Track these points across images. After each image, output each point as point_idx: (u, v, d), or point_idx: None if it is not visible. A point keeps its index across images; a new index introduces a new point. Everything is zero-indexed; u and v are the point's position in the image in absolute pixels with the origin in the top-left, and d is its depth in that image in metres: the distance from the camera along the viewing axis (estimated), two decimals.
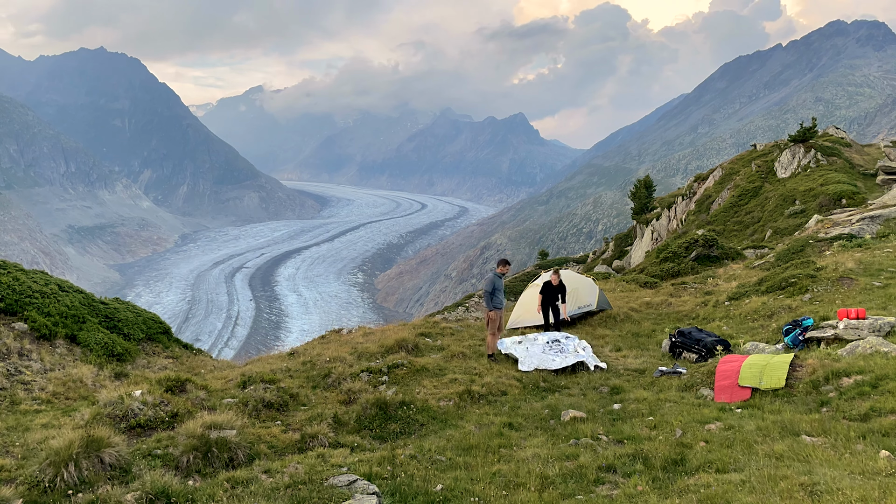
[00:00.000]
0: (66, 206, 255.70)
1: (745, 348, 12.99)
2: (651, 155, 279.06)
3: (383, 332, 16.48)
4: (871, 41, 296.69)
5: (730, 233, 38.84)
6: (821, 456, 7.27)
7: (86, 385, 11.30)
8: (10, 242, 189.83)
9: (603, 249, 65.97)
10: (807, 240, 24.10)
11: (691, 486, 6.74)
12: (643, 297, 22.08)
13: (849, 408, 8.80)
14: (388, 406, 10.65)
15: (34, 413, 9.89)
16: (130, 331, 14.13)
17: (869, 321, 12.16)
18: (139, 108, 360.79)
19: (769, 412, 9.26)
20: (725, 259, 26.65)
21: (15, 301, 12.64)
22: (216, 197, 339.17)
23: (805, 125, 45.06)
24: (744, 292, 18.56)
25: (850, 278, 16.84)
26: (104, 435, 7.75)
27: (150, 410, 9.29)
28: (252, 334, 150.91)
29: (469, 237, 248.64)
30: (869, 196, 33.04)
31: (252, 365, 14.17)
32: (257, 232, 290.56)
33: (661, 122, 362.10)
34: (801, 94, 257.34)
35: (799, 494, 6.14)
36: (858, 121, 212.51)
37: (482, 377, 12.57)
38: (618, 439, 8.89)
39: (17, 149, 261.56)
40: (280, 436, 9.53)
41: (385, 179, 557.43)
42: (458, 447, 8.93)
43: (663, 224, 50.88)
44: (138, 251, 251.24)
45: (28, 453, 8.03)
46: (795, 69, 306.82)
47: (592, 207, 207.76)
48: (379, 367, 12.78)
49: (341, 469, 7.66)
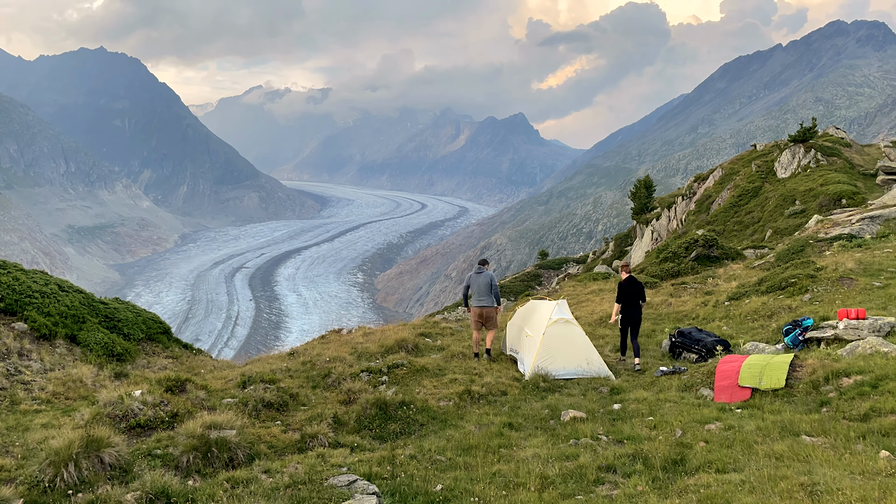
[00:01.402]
0: (66, 206, 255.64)
1: (745, 348, 12.99)
2: (651, 155, 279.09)
3: (383, 333, 16.49)
4: (871, 41, 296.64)
5: (730, 233, 38.85)
6: (821, 456, 7.27)
7: (86, 385, 11.29)
8: (10, 242, 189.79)
9: (603, 249, 65.97)
10: (807, 240, 24.09)
11: (691, 487, 6.74)
12: None
13: (849, 408, 8.80)
14: (388, 406, 10.65)
15: (34, 413, 9.88)
16: (130, 331, 14.13)
17: (869, 321, 12.16)
18: (139, 108, 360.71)
19: (769, 412, 9.26)
20: (725, 259, 26.66)
21: (15, 301, 12.64)
22: (216, 197, 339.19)
23: (805, 125, 45.06)
24: (744, 292, 18.56)
25: (850, 278, 16.84)
26: (104, 435, 7.75)
27: (149, 410, 9.29)
28: (252, 334, 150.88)
29: (469, 237, 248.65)
30: (869, 196, 33.03)
31: (252, 365, 14.17)
32: (257, 232, 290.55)
33: (661, 122, 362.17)
34: (801, 94, 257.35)
35: (799, 494, 6.14)
36: (858, 121, 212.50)
37: (482, 377, 12.57)
38: (618, 439, 8.89)
39: (17, 149, 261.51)
40: (280, 436, 9.53)
41: (385, 179, 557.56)
42: (457, 447, 8.93)
43: (663, 224, 50.87)
44: (138, 251, 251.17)
45: (28, 453, 8.02)
46: (795, 69, 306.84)
47: (592, 207, 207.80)
48: (379, 367, 12.78)
49: (341, 469, 7.66)
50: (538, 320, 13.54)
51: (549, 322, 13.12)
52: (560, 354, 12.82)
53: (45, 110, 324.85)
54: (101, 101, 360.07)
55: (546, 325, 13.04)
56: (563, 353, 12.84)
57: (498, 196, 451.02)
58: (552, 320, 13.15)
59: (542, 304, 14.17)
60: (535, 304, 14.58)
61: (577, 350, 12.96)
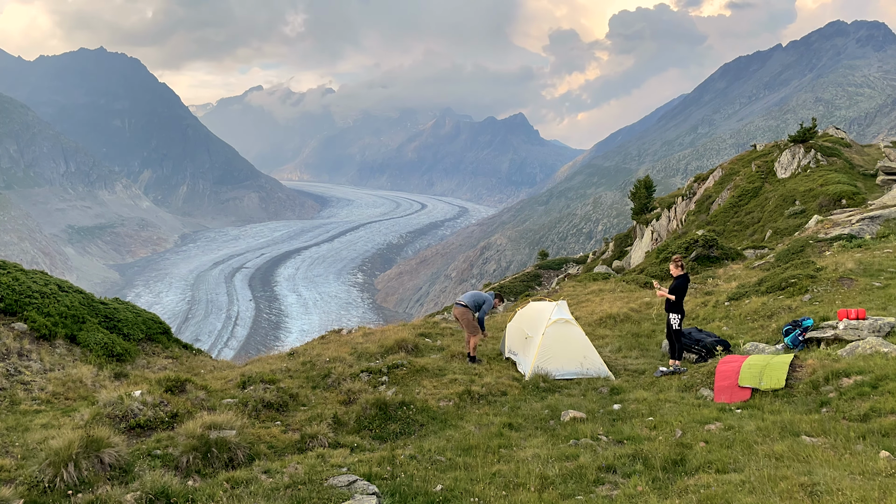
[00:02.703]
0: (66, 207, 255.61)
1: (744, 349, 12.98)
2: (651, 155, 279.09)
3: (383, 333, 16.49)
4: (871, 41, 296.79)
5: (730, 233, 38.84)
6: (821, 456, 7.27)
7: (85, 385, 11.29)
8: (10, 242, 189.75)
9: (603, 250, 65.95)
10: (807, 240, 24.08)
11: (691, 487, 6.74)
12: (643, 297, 22.10)
13: (849, 408, 8.80)
14: (388, 406, 10.65)
15: (34, 413, 9.88)
16: (130, 331, 14.12)
17: (869, 321, 12.15)
18: (139, 108, 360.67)
19: (769, 412, 9.26)
20: (725, 259, 26.66)
21: (14, 301, 12.63)
22: (216, 197, 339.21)
23: (805, 125, 45.03)
24: (744, 293, 18.55)
25: (850, 279, 16.83)
26: (104, 435, 7.75)
27: (149, 411, 9.29)
28: (252, 334, 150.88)
29: (469, 237, 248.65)
30: (869, 196, 33.01)
31: (252, 365, 14.17)
32: (257, 232, 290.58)
33: (661, 122, 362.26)
34: (801, 94, 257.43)
35: (799, 495, 6.14)
36: (858, 121, 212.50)
37: (482, 377, 12.57)
38: (618, 440, 8.89)
39: (17, 149, 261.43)
40: (280, 436, 9.53)
41: (385, 179, 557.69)
42: (457, 447, 8.93)
43: (663, 224, 50.87)
44: (138, 251, 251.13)
45: (28, 453, 8.02)
46: (795, 69, 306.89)
47: (592, 208, 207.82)
48: (379, 368, 12.78)
49: (341, 469, 7.66)
50: (538, 321, 13.51)
51: (548, 322, 13.11)
52: (560, 355, 12.81)
53: (45, 110, 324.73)
54: (101, 102, 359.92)
55: (546, 326, 13.04)
56: (563, 354, 12.83)
57: (498, 196, 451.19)
58: (552, 320, 13.14)
59: (541, 305, 14.14)
60: (535, 304, 14.55)
61: (577, 350, 12.95)
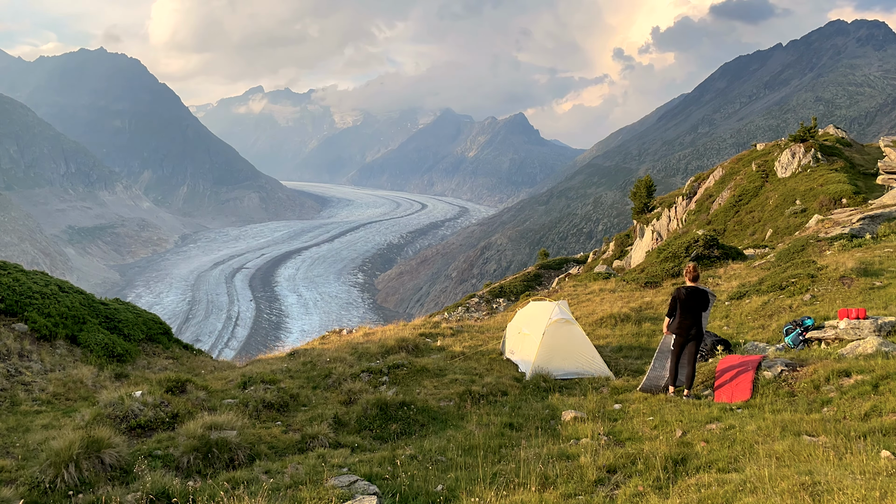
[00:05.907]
0: (67, 207, 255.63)
1: (745, 348, 12.98)
2: (651, 155, 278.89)
3: (384, 333, 16.50)
4: (872, 41, 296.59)
5: (730, 232, 38.84)
6: (822, 456, 7.26)
7: (86, 386, 11.29)
8: (11, 243, 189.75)
9: (603, 249, 65.96)
10: (807, 239, 24.07)
11: (692, 487, 6.73)
12: (644, 296, 22.10)
13: (850, 407, 8.79)
14: (389, 406, 10.65)
15: (34, 414, 9.88)
16: (131, 331, 14.12)
17: (870, 321, 12.14)
18: (139, 109, 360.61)
19: (770, 412, 9.25)
20: (726, 259, 26.64)
21: (15, 302, 12.64)
22: (216, 197, 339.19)
23: (805, 125, 45.04)
24: (744, 292, 18.55)
25: (850, 278, 16.83)
26: (104, 436, 7.75)
27: (150, 411, 9.29)
28: (252, 335, 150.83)
29: (469, 237, 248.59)
30: (869, 196, 33.00)
31: (252, 365, 14.17)
32: (257, 232, 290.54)
33: (661, 122, 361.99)
34: (802, 93, 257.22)
35: (800, 494, 6.13)
36: (859, 120, 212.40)
37: (482, 377, 12.57)
38: (618, 439, 8.89)
39: (18, 149, 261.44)
40: (280, 436, 9.53)
41: (385, 180, 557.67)
42: (458, 447, 8.93)
43: (664, 224, 50.87)
44: (138, 252, 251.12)
45: (28, 454, 8.02)
46: (795, 69, 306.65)
47: (593, 207, 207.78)
48: (379, 368, 12.78)
49: (342, 469, 7.66)
50: (538, 320, 13.49)
51: (549, 322, 13.12)
52: (560, 354, 12.80)
53: (46, 111, 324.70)
54: (102, 102, 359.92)
55: (546, 325, 13.05)
56: (563, 353, 12.83)
57: (498, 196, 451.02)
58: (552, 320, 13.14)
59: (542, 305, 14.14)
60: (536, 304, 14.55)
61: (577, 350, 12.94)
